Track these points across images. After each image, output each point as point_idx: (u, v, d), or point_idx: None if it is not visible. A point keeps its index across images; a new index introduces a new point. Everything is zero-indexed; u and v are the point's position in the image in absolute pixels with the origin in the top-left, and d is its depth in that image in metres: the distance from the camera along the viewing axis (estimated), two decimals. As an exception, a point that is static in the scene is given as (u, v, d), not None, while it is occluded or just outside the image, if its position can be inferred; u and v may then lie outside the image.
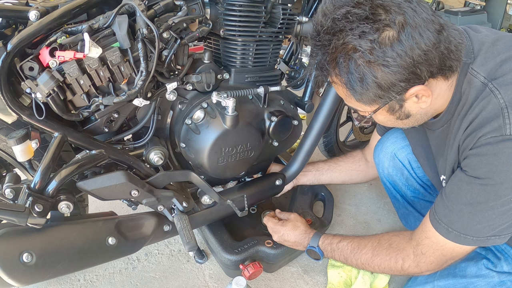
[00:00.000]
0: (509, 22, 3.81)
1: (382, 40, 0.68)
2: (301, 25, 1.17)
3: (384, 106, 0.78)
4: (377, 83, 0.72)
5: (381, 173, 1.30)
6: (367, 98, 0.76)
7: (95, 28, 0.87)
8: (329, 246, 1.07)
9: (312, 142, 1.36)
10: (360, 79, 0.73)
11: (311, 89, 1.35)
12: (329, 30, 0.72)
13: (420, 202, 1.27)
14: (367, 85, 0.73)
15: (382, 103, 0.77)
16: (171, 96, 1.03)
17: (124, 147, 1.05)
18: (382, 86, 0.72)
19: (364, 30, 0.69)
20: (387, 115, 0.83)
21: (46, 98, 0.83)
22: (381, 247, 0.95)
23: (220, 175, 1.17)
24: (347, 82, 0.75)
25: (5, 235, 0.85)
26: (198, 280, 1.34)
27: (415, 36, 0.68)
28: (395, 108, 0.79)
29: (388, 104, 0.78)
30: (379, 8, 0.69)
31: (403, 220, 1.39)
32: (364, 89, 0.74)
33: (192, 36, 0.98)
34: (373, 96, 0.75)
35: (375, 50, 0.69)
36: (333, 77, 0.78)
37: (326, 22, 0.72)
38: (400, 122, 0.85)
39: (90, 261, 0.99)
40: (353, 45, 0.70)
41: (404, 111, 0.80)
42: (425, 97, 0.76)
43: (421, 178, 1.23)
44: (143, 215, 1.10)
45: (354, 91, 0.76)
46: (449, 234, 0.83)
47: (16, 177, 0.91)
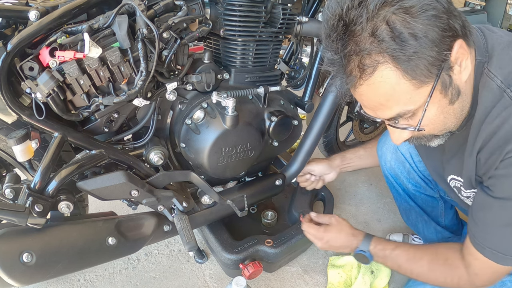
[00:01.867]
0: (509, 22, 3.81)
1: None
2: (301, 25, 1.17)
3: (438, 84, 0.68)
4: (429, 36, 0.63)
5: (383, 166, 1.30)
6: (422, 67, 0.65)
7: (95, 28, 0.87)
8: (382, 252, 1.03)
9: (312, 142, 1.36)
10: (412, 35, 0.62)
11: (311, 89, 1.35)
12: (353, 4, 0.64)
13: (421, 196, 1.28)
14: (421, 41, 0.62)
15: (435, 73, 0.66)
16: (171, 96, 1.03)
17: (124, 147, 1.05)
18: (434, 38, 0.63)
19: None
20: (441, 98, 0.71)
21: (46, 98, 0.83)
22: (437, 262, 0.92)
23: (220, 175, 1.17)
24: (398, 48, 0.63)
25: (5, 235, 0.85)
26: (198, 280, 1.34)
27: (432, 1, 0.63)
28: (447, 83, 0.69)
29: (440, 78, 0.67)
30: None
31: (404, 216, 1.40)
32: (419, 47, 0.63)
33: (192, 36, 0.98)
34: (428, 59, 0.64)
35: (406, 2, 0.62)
36: (374, 55, 0.65)
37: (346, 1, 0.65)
38: (452, 111, 0.75)
39: (90, 261, 0.99)
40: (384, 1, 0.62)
41: (454, 86, 0.71)
42: (465, 60, 0.69)
43: (423, 171, 1.23)
44: (143, 215, 1.10)
45: (407, 59, 0.63)
46: (495, 257, 0.81)
47: (16, 177, 0.91)
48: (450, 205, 1.30)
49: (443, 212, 1.30)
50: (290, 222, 1.43)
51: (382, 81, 0.66)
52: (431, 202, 1.28)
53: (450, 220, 1.33)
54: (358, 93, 0.71)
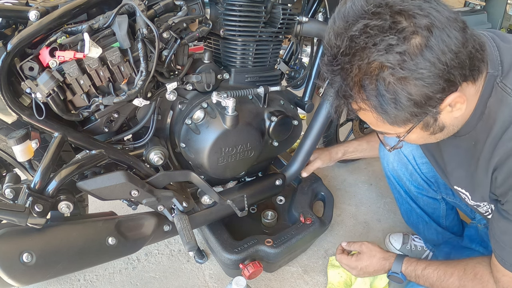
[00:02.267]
0: (509, 22, 3.81)
1: (412, 49, 0.60)
2: (301, 25, 1.17)
3: (419, 124, 0.71)
4: (413, 100, 0.63)
5: (385, 167, 1.29)
6: (401, 119, 0.68)
7: (95, 28, 0.87)
8: (414, 273, 1.05)
9: (312, 142, 1.36)
10: (394, 100, 0.64)
11: (311, 89, 1.35)
12: (348, 51, 0.64)
13: (423, 198, 1.27)
14: (402, 105, 0.64)
15: (417, 120, 0.69)
16: (171, 96, 1.03)
17: (124, 147, 1.05)
18: (418, 102, 0.64)
19: (391, 42, 0.60)
20: (421, 132, 0.75)
21: (46, 98, 0.83)
22: (467, 277, 0.93)
23: (220, 175, 1.17)
24: (378, 106, 0.66)
25: (5, 235, 0.85)
26: (198, 280, 1.34)
27: (444, 38, 0.61)
28: (430, 123, 0.72)
29: (423, 121, 0.70)
30: (400, 15, 0.61)
31: (405, 217, 1.39)
32: (398, 110, 0.65)
33: (192, 36, 0.98)
34: (408, 116, 0.67)
35: (406, 63, 0.61)
36: (359, 103, 0.69)
37: (343, 43, 0.64)
38: (433, 137, 0.79)
39: (90, 261, 0.99)
40: (380, 62, 0.62)
41: (438, 124, 0.73)
42: (459, 104, 0.69)
43: (425, 174, 1.22)
44: (143, 215, 1.10)
45: (386, 114, 0.67)
46: None
47: (16, 177, 0.91)
48: (451, 206, 1.30)
49: (444, 214, 1.30)
50: (290, 222, 1.43)
51: (366, 116, 0.73)
52: (433, 203, 1.28)
53: (451, 221, 1.33)
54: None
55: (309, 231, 1.34)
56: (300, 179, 1.57)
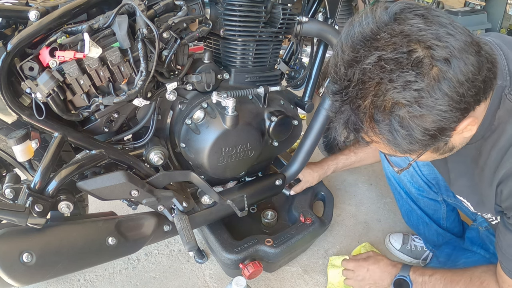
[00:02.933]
0: (509, 22, 3.81)
1: (429, 84, 0.57)
2: (301, 25, 1.17)
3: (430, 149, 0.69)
4: (428, 135, 0.61)
5: (386, 168, 1.29)
6: (414, 150, 0.66)
7: (95, 28, 0.87)
8: (421, 278, 1.04)
9: (312, 142, 1.36)
10: (408, 135, 0.61)
11: (311, 89, 1.35)
12: (361, 85, 0.60)
13: (424, 199, 1.27)
14: (416, 139, 0.61)
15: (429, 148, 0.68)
16: (171, 96, 1.03)
17: (124, 147, 1.05)
18: (433, 135, 0.61)
19: (408, 79, 0.56)
20: (431, 154, 0.73)
21: (46, 98, 0.83)
22: (473, 285, 0.94)
23: (220, 175, 1.17)
24: (392, 140, 0.63)
25: (5, 235, 0.85)
26: (198, 280, 1.34)
27: (461, 67, 0.57)
28: (440, 147, 0.70)
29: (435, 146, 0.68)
30: (417, 45, 0.57)
31: (405, 218, 1.39)
32: (412, 144, 0.62)
33: (192, 36, 0.98)
34: (421, 147, 0.65)
35: (424, 100, 0.57)
36: (370, 136, 0.65)
37: (354, 75, 0.60)
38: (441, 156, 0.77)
39: (90, 261, 0.99)
40: (396, 100, 0.58)
41: (448, 146, 0.71)
42: (470, 126, 0.66)
43: (426, 175, 1.22)
44: (143, 215, 1.10)
45: (400, 147, 0.64)
46: None
47: (16, 177, 0.91)
48: (452, 207, 1.30)
49: (445, 215, 1.30)
50: (290, 222, 1.43)
51: (377, 145, 0.69)
52: (433, 205, 1.28)
53: (452, 222, 1.33)
54: None
55: (309, 231, 1.34)
56: (300, 179, 1.57)
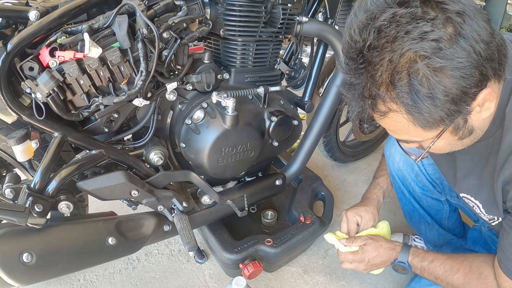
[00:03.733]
0: (509, 22, 3.82)
1: (448, 37, 0.56)
2: (301, 25, 1.17)
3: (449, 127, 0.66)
4: (450, 95, 0.58)
5: (391, 166, 1.28)
6: (435, 120, 0.62)
7: (95, 28, 0.87)
8: (420, 264, 1.03)
9: (312, 142, 1.36)
10: (430, 95, 0.58)
11: (311, 89, 1.35)
12: (377, 42, 0.58)
13: (427, 199, 1.27)
14: (438, 101, 0.59)
15: (449, 121, 0.64)
16: (171, 96, 1.03)
17: (124, 147, 1.05)
18: (455, 97, 0.59)
19: (425, 29, 0.55)
20: (450, 137, 0.70)
21: (46, 98, 0.83)
22: (472, 275, 0.93)
23: (220, 175, 1.17)
24: (411, 104, 0.60)
25: (5, 235, 0.85)
26: (198, 280, 1.34)
27: (475, 27, 0.57)
28: (460, 126, 0.67)
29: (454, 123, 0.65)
30: (428, 3, 0.57)
31: (407, 217, 1.39)
32: (434, 107, 0.59)
33: (192, 36, 0.98)
34: (443, 115, 0.61)
35: (443, 51, 0.56)
36: (387, 103, 0.62)
37: (369, 35, 0.58)
38: (460, 143, 0.74)
39: (90, 261, 0.99)
40: (414, 51, 0.56)
41: (468, 127, 0.68)
42: (488, 102, 0.64)
43: (431, 175, 1.21)
44: (143, 215, 1.10)
45: (420, 114, 0.61)
46: None
47: (16, 177, 0.91)
48: (454, 208, 1.29)
49: (447, 215, 1.30)
50: (290, 222, 1.43)
51: (393, 120, 0.66)
52: (436, 205, 1.27)
53: (453, 223, 1.33)
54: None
55: (309, 231, 1.34)
56: (301, 178, 1.57)
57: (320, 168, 2.00)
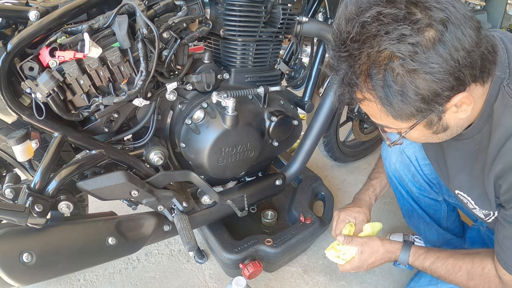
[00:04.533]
0: (509, 22, 3.81)
1: (425, 42, 0.59)
2: (301, 25, 1.17)
3: (422, 121, 0.70)
4: (420, 95, 0.62)
5: (387, 167, 1.28)
6: (406, 114, 0.66)
7: (95, 28, 0.87)
8: (421, 266, 1.03)
9: (312, 142, 1.36)
10: (401, 92, 0.62)
11: (311, 89, 1.35)
12: (358, 37, 0.62)
13: (425, 199, 1.27)
14: (408, 99, 0.63)
15: (421, 117, 0.68)
16: (171, 96, 1.03)
17: (124, 147, 1.05)
18: (425, 98, 0.63)
19: (404, 32, 0.59)
20: (423, 130, 0.73)
21: (46, 98, 0.83)
22: (475, 271, 0.93)
23: (220, 175, 1.17)
24: (384, 97, 0.64)
25: (5, 235, 0.85)
26: (198, 280, 1.34)
27: (458, 35, 0.59)
28: (433, 122, 0.70)
29: (427, 118, 0.69)
30: (416, 6, 0.60)
31: (406, 217, 1.39)
32: (404, 103, 0.64)
33: (192, 36, 0.98)
34: (413, 111, 0.65)
35: (418, 55, 0.59)
36: (363, 92, 0.67)
37: (353, 28, 0.62)
38: (435, 137, 0.77)
39: (90, 261, 0.99)
40: (390, 51, 0.60)
41: (442, 124, 0.71)
42: (465, 105, 0.67)
43: (428, 175, 1.22)
44: (143, 215, 1.10)
45: (391, 107, 0.65)
46: None
47: (16, 177, 0.91)
48: (452, 207, 1.29)
49: (445, 215, 1.30)
50: (290, 222, 1.43)
51: (369, 107, 0.70)
52: (434, 205, 1.27)
53: (452, 222, 1.33)
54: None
55: (309, 231, 1.34)
56: (301, 178, 1.57)
57: (320, 168, 2.00)
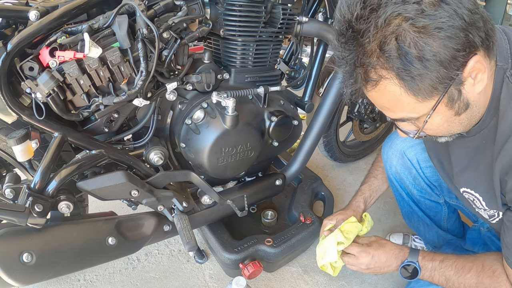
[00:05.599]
0: (509, 22, 3.81)
1: (430, 1, 0.59)
2: (301, 25, 1.17)
3: (444, 98, 0.66)
4: (438, 57, 0.60)
5: (388, 170, 1.28)
6: (427, 87, 0.64)
7: (95, 28, 0.87)
8: (430, 264, 1.00)
9: (312, 142, 1.36)
10: (417, 57, 0.60)
11: (311, 89, 1.35)
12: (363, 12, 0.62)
13: (425, 201, 1.26)
14: (426, 63, 0.61)
15: (442, 90, 0.65)
16: (171, 96, 1.03)
17: (124, 147, 1.05)
18: (444, 60, 0.61)
19: None
20: (446, 111, 0.70)
21: (46, 98, 0.83)
22: (485, 274, 0.92)
23: (220, 175, 1.17)
24: (402, 68, 0.62)
25: (5, 235, 0.85)
26: (198, 280, 1.34)
27: None
28: (455, 97, 0.67)
29: (448, 93, 0.66)
30: None
31: (406, 219, 1.39)
32: (424, 69, 0.61)
33: (192, 36, 0.98)
34: (434, 79, 0.63)
35: (425, 13, 0.59)
36: (379, 70, 0.64)
37: (356, 7, 0.63)
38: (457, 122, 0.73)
39: (90, 261, 0.99)
40: (397, 13, 0.59)
41: (463, 100, 0.69)
42: (481, 73, 0.65)
43: (429, 178, 1.21)
44: (143, 215, 1.10)
45: (411, 79, 0.63)
46: None
47: (16, 177, 0.91)
48: (453, 209, 1.29)
49: (446, 217, 1.30)
50: (290, 222, 1.43)
51: (386, 91, 0.67)
52: (435, 207, 1.27)
53: (453, 224, 1.33)
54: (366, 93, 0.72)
55: (309, 231, 1.34)
56: (301, 178, 1.57)
57: (320, 168, 2.00)
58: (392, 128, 2.05)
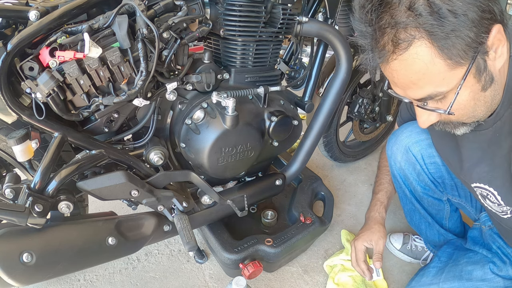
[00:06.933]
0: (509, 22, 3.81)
1: None
2: (301, 25, 1.17)
3: (472, 68, 0.66)
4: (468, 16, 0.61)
5: (392, 166, 1.27)
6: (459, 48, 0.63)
7: (95, 28, 0.87)
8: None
9: (312, 142, 1.36)
10: (451, 11, 0.60)
11: (311, 89, 1.35)
12: None
13: (428, 199, 1.26)
14: (460, 19, 0.61)
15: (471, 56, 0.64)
16: (171, 96, 1.03)
17: (124, 147, 1.05)
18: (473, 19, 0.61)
19: None
20: (474, 83, 0.69)
21: (46, 98, 0.83)
22: None
23: (220, 175, 1.17)
24: (435, 24, 0.61)
25: (5, 235, 0.85)
26: (198, 280, 1.34)
27: None
28: (481, 68, 0.67)
29: (476, 62, 0.65)
30: None
31: (407, 217, 1.39)
32: (458, 25, 0.61)
33: (192, 36, 0.98)
34: (466, 39, 0.62)
35: None
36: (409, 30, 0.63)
37: None
38: (483, 98, 0.72)
39: (90, 261, 0.99)
40: None
41: (488, 72, 0.68)
42: (501, 47, 0.66)
43: (433, 174, 1.20)
44: (143, 215, 1.10)
45: (445, 36, 0.61)
46: None
47: (16, 177, 0.91)
48: (455, 208, 1.29)
49: (448, 215, 1.30)
50: (290, 222, 1.43)
51: (416, 57, 0.65)
52: (437, 205, 1.27)
53: (454, 223, 1.33)
54: (390, 68, 0.70)
55: (309, 231, 1.34)
56: (301, 178, 1.57)
57: (320, 168, 2.00)
58: (392, 128, 2.05)
